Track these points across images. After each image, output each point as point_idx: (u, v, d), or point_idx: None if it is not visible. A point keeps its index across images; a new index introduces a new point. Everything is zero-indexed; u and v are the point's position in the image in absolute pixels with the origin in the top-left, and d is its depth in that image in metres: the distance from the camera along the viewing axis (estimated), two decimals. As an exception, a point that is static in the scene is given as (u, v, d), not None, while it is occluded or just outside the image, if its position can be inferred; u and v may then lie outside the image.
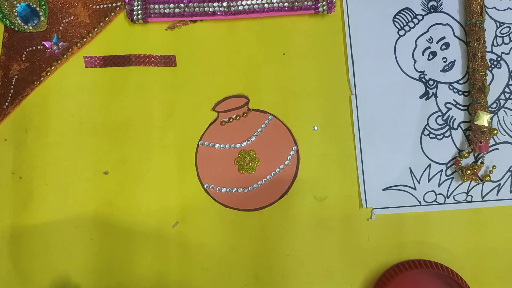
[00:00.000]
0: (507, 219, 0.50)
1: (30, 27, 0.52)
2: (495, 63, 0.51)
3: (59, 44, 0.52)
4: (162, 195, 0.50)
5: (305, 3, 0.51)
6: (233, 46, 0.52)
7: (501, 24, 0.52)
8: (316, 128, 0.51)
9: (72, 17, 0.52)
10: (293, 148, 0.51)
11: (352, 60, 0.51)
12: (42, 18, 0.52)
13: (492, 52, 0.51)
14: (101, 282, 0.50)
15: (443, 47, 0.51)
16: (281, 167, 0.51)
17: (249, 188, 0.50)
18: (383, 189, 0.50)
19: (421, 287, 0.48)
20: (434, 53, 0.51)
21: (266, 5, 0.51)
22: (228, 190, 0.50)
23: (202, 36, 0.52)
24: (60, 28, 0.52)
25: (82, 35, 0.52)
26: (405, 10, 0.52)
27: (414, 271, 0.48)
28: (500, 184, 0.50)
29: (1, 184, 0.50)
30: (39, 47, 0.52)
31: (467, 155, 0.50)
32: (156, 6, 0.51)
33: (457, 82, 0.51)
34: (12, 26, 0.51)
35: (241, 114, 0.51)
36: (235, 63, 0.52)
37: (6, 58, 0.51)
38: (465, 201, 0.50)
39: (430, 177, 0.50)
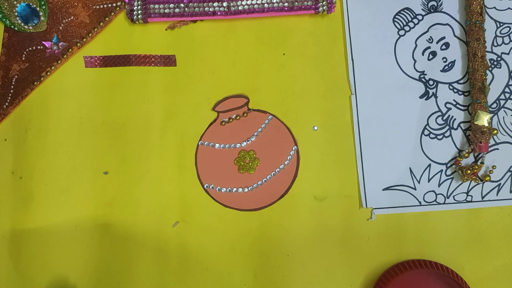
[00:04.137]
0: (507, 219, 0.50)
1: (30, 27, 0.52)
2: (495, 63, 0.51)
3: (59, 44, 0.52)
4: (162, 195, 0.50)
5: (305, 3, 0.51)
6: (233, 46, 0.52)
7: (501, 24, 0.52)
8: (316, 128, 0.51)
9: (72, 17, 0.52)
10: (293, 148, 0.51)
11: (352, 60, 0.51)
12: (42, 18, 0.52)
13: (492, 52, 0.51)
14: (101, 281, 0.50)
15: (443, 47, 0.51)
16: (281, 167, 0.51)
17: (249, 188, 0.50)
18: (383, 189, 0.50)
19: (421, 287, 0.48)
20: (434, 53, 0.51)
21: (266, 5, 0.51)
22: (228, 190, 0.50)
23: (202, 36, 0.52)
24: (60, 28, 0.52)
25: (82, 35, 0.52)
26: (405, 10, 0.52)
27: (414, 271, 0.48)
28: (500, 184, 0.50)
29: (1, 184, 0.50)
30: (39, 47, 0.52)
31: (467, 155, 0.50)
32: (156, 6, 0.51)
33: (457, 82, 0.51)
34: (12, 26, 0.51)
35: (241, 114, 0.51)
36: (235, 63, 0.52)
37: (6, 58, 0.51)
38: (465, 201, 0.50)
39: (430, 177, 0.50)
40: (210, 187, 0.51)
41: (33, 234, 0.50)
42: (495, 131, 0.49)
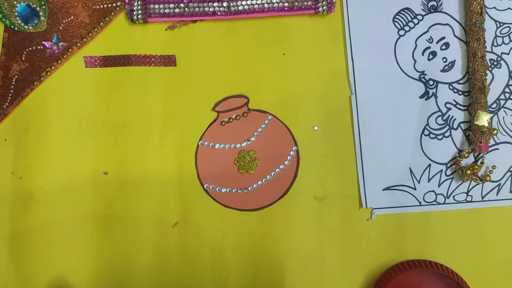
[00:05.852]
0: (507, 219, 0.50)
1: (30, 27, 0.52)
2: (495, 63, 0.51)
3: (59, 44, 0.52)
4: (162, 195, 0.50)
5: (305, 3, 0.51)
6: (233, 46, 0.52)
7: (501, 24, 0.52)
8: (316, 128, 0.51)
9: (72, 17, 0.52)
10: (293, 148, 0.51)
11: (352, 60, 0.51)
12: (42, 18, 0.52)
13: (492, 52, 0.51)
14: (101, 282, 0.50)
15: (443, 47, 0.51)
16: (281, 167, 0.51)
17: (249, 188, 0.50)
18: (383, 189, 0.50)
19: (421, 287, 0.48)
20: (434, 53, 0.51)
21: (266, 5, 0.51)
22: (228, 190, 0.50)
23: (202, 36, 0.52)
24: (60, 28, 0.52)
25: (82, 35, 0.52)
26: (405, 10, 0.52)
27: (414, 271, 0.48)
28: (500, 184, 0.50)
29: (1, 184, 0.50)
30: (39, 47, 0.52)
31: (467, 155, 0.50)
32: (156, 6, 0.51)
33: (457, 82, 0.51)
34: (12, 26, 0.51)
35: (241, 114, 0.51)
36: (235, 63, 0.52)
37: (6, 58, 0.51)
38: (465, 201, 0.50)
39: (430, 177, 0.50)
40: (210, 187, 0.51)
41: (33, 234, 0.50)
42: (495, 131, 0.49)
